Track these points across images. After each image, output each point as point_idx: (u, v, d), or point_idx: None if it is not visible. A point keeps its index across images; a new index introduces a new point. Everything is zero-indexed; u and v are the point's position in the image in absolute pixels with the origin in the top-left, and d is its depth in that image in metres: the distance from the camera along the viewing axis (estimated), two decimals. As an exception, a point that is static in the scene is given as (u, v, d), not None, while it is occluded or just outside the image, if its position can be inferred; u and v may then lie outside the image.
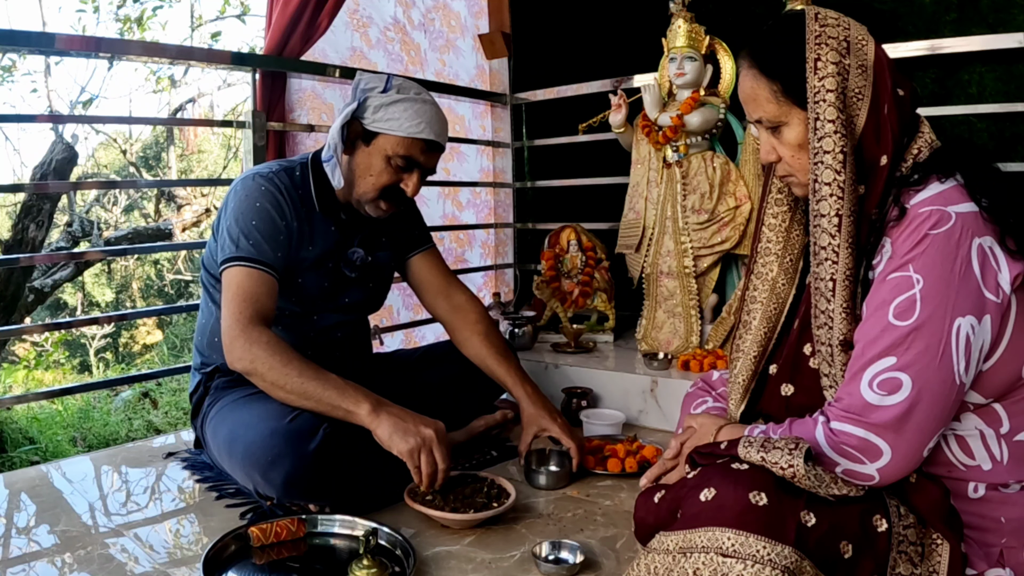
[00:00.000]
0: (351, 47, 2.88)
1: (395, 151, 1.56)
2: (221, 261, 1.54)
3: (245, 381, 1.61)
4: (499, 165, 3.39)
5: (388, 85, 1.58)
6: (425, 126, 1.56)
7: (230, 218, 1.55)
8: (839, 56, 1.03)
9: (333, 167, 1.59)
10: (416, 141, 1.56)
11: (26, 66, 6.14)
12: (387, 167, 1.58)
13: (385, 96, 1.56)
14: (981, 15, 2.47)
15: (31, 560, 1.29)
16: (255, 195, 1.56)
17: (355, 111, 1.56)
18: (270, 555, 1.29)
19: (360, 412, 1.40)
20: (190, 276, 8.20)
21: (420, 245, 1.86)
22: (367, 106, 1.56)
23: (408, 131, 1.55)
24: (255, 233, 1.53)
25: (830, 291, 1.04)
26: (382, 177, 1.59)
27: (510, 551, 1.32)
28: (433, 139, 1.58)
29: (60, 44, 1.89)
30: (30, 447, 4.25)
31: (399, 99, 1.55)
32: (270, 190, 1.57)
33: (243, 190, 1.58)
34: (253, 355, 1.42)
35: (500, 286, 3.40)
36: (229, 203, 1.58)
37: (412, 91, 1.59)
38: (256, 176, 1.59)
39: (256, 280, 1.51)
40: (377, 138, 1.57)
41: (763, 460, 0.91)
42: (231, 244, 1.53)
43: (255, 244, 1.52)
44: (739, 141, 2.47)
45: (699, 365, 2.19)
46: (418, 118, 1.55)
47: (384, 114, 1.55)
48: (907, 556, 0.94)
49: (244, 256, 1.51)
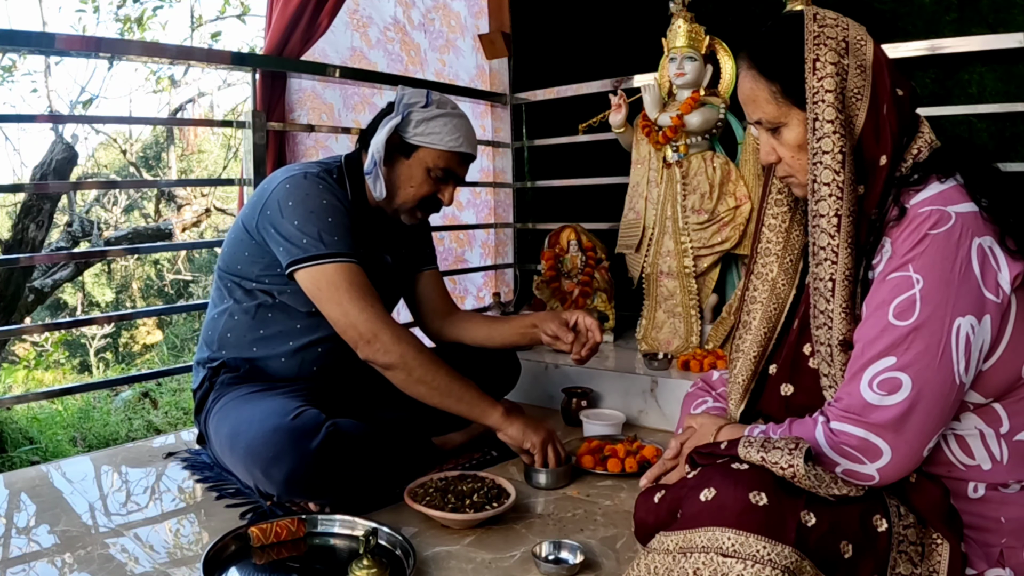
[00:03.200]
0: (351, 47, 2.88)
1: (435, 164, 1.64)
2: (299, 259, 1.52)
3: (250, 378, 1.62)
4: (499, 165, 3.39)
5: (428, 100, 1.65)
6: (464, 140, 1.65)
7: (297, 217, 1.53)
8: (838, 56, 1.03)
9: (375, 178, 1.64)
10: (455, 154, 1.65)
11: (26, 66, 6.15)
12: (427, 178, 1.65)
13: (426, 111, 1.63)
14: (981, 15, 2.47)
15: (31, 560, 1.29)
16: (316, 192, 1.56)
17: (399, 125, 1.62)
18: (270, 555, 1.29)
19: (495, 413, 1.60)
20: (190, 276, 8.20)
21: (429, 263, 1.93)
22: (410, 120, 1.63)
23: (448, 145, 1.63)
24: (337, 228, 1.55)
25: (829, 291, 1.04)
26: (422, 188, 1.66)
27: (510, 551, 1.32)
28: (469, 152, 1.68)
29: (60, 44, 1.90)
30: (30, 447, 4.25)
31: (439, 114, 1.63)
32: (329, 187, 1.60)
33: (300, 189, 1.56)
34: (402, 350, 1.52)
35: (500, 286, 3.40)
36: (284, 201, 1.55)
37: (448, 106, 1.68)
38: (308, 174, 1.59)
39: (360, 274, 1.55)
40: (418, 151, 1.64)
41: (763, 460, 0.91)
42: (313, 242, 1.52)
43: (341, 238, 1.54)
44: (739, 141, 2.47)
45: (699, 365, 2.19)
46: (457, 132, 1.64)
47: (425, 128, 1.62)
48: (907, 556, 0.94)
49: (336, 252, 1.53)
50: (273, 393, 1.54)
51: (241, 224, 1.63)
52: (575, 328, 1.76)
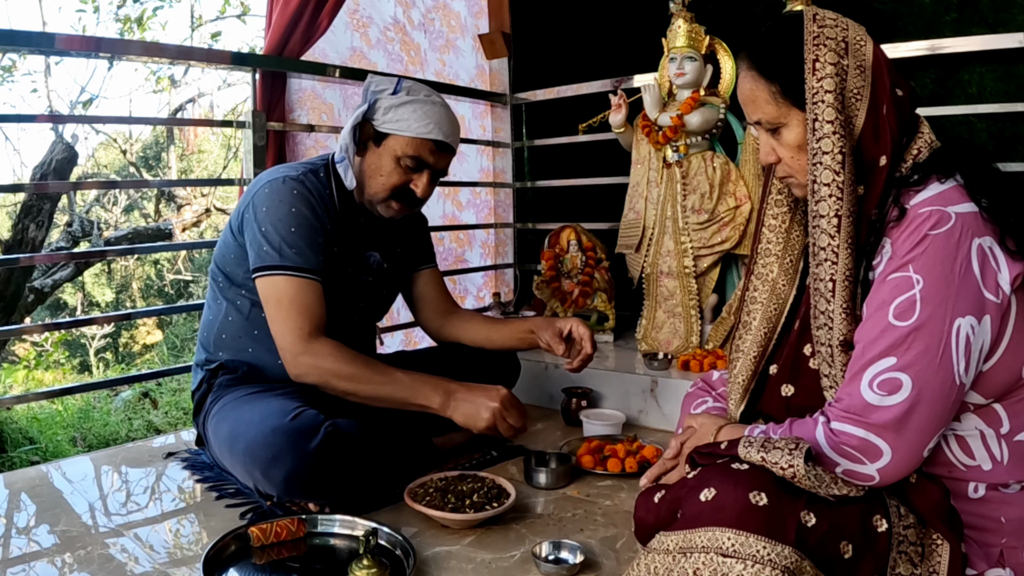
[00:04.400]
0: (351, 47, 2.88)
1: (404, 151, 1.59)
2: (258, 267, 1.54)
3: (249, 379, 1.62)
4: (499, 165, 3.39)
5: (398, 87, 1.61)
6: (434, 127, 1.59)
7: (265, 223, 1.54)
8: (837, 57, 1.03)
9: (345, 168, 1.62)
10: (425, 141, 1.59)
11: (26, 66, 6.15)
12: (397, 167, 1.61)
13: (395, 98, 1.59)
14: (981, 15, 2.47)
15: (31, 560, 1.29)
16: (289, 199, 1.56)
17: (366, 113, 1.59)
18: (270, 555, 1.29)
19: (433, 406, 1.52)
20: (190, 276, 8.20)
21: (428, 262, 1.92)
22: (377, 108, 1.59)
23: (417, 132, 1.58)
24: (297, 240, 1.54)
25: (830, 292, 1.04)
26: (392, 177, 1.62)
27: (510, 551, 1.32)
28: (442, 139, 1.61)
29: (60, 44, 1.90)
30: (30, 447, 4.25)
31: (408, 100, 1.58)
32: (303, 193, 1.58)
33: (275, 194, 1.56)
34: (322, 370, 1.50)
35: (500, 286, 3.40)
36: (259, 206, 1.56)
37: (422, 93, 1.62)
38: (287, 179, 1.59)
39: (306, 289, 1.53)
40: (387, 139, 1.60)
41: (763, 460, 0.91)
42: (272, 252, 1.53)
43: (299, 252, 1.53)
44: (739, 141, 2.47)
45: (699, 365, 2.19)
46: (427, 119, 1.58)
47: (394, 115, 1.58)
48: (907, 556, 0.94)
49: (290, 265, 1.53)
50: (272, 394, 1.54)
51: (229, 225, 1.65)
52: (569, 338, 1.76)
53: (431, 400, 1.52)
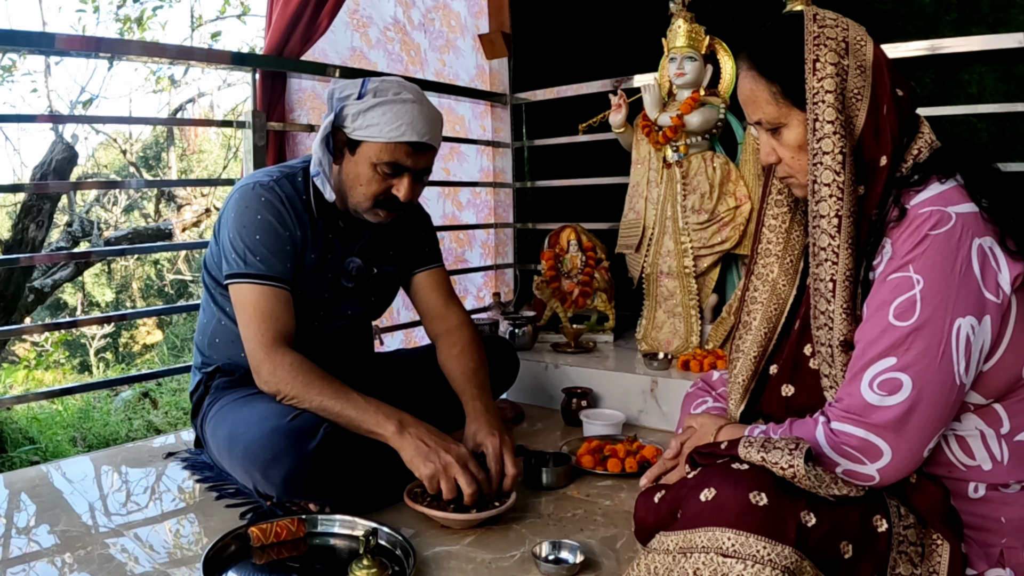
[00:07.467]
0: (351, 47, 2.88)
1: (379, 158, 1.51)
2: (227, 275, 1.53)
3: (246, 381, 1.61)
4: (499, 165, 3.39)
5: (363, 90, 1.51)
6: (406, 128, 1.49)
7: (232, 230, 1.53)
8: (838, 57, 1.03)
9: (323, 181, 1.55)
10: (400, 145, 1.50)
11: (26, 66, 6.15)
12: (375, 175, 1.53)
13: (361, 102, 1.49)
14: (981, 15, 2.47)
15: (31, 560, 1.29)
16: (255, 206, 1.54)
17: (334, 121, 1.52)
18: (270, 555, 1.29)
19: (384, 433, 1.41)
20: (190, 276, 8.20)
21: (427, 263, 1.81)
22: (345, 115, 1.51)
23: (389, 136, 1.48)
24: (261, 248, 1.52)
25: (830, 292, 1.04)
26: (371, 186, 1.54)
27: (510, 551, 1.32)
28: (416, 140, 1.50)
29: (60, 44, 1.89)
30: (30, 447, 4.25)
31: (376, 103, 1.49)
32: (270, 200, 1.55)
33: (243, 200, 1.55)
34: (278, 379, 1.46)
35: (500, 286, 3.40)
36: (229, 213, 1.55)
37: (391, 92, 1.51)
38: (256, 185, 1.56)
39: (270, 297, 1.51)
40: (360, 146, 1.52)
41: (763, 460, 0.91)
42: (237, 260, 1.52)
43: (263, 259, 1.51)
44: (739, 141, 2.47)
45: (699, 365, 2.19)
46: (397, 120, 1.48)
47: (363, 121, 1.49)
48: (907, 556, 0.94)
49: (254, 273, 1.51)
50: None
51: (214, 230, 1.65)
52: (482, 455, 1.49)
53: (384, 427, 1.41)
